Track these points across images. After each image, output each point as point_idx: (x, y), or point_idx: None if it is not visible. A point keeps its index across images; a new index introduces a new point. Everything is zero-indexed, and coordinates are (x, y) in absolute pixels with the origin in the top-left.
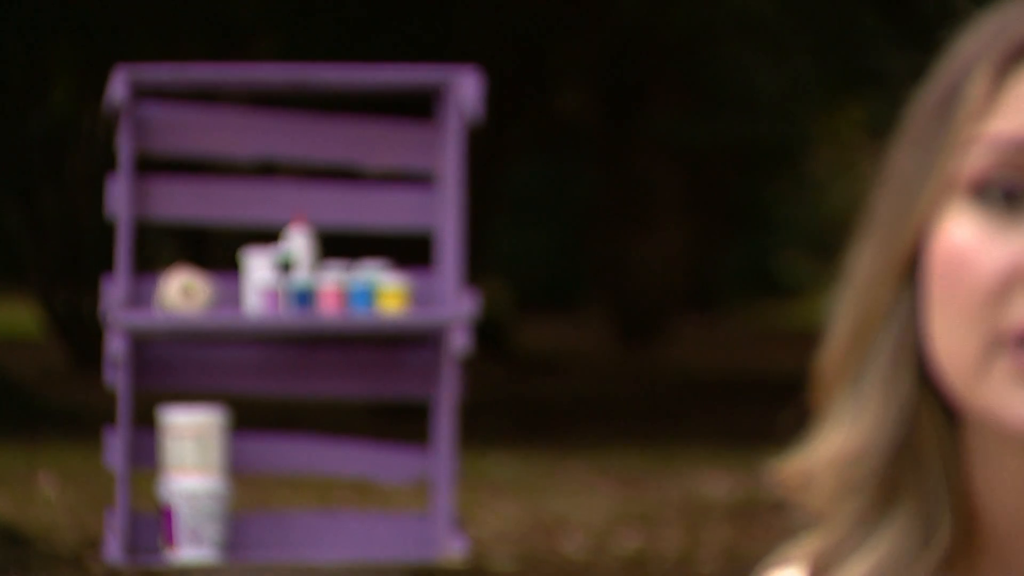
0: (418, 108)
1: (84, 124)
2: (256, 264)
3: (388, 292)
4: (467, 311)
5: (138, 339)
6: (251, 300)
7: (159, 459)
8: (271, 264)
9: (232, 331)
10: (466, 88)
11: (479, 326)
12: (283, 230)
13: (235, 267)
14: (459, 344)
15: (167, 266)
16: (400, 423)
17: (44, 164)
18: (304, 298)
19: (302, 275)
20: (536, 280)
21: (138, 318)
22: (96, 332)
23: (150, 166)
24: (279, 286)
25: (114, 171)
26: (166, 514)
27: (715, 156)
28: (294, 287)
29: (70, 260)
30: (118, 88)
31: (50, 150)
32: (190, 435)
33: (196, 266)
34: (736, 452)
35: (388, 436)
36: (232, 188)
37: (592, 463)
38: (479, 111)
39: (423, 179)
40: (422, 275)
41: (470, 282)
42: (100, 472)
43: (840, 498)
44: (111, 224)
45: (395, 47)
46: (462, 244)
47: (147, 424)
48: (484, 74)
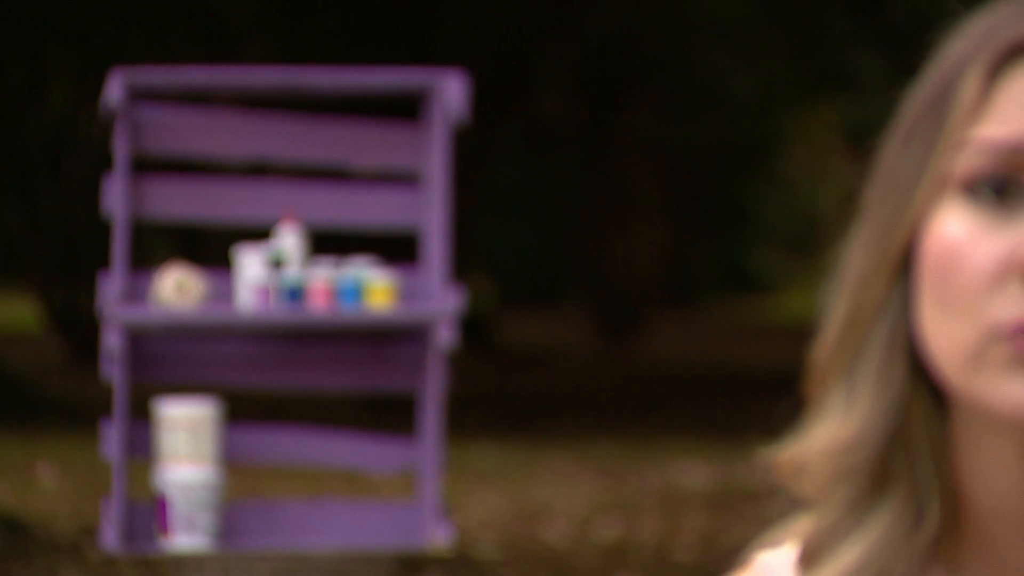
0: (405, 110)
1: (82, 126)
2: (248, 261)
3: (376, 288)
4: (452, 307)
5: (134, 334)
6: (243, 296)
7: (154, 450)
8: (263, 261)
9: (225, 326)
10: (451, 91)
11: (464, 321)
12: (274, 228)
13: (228, 264)
14: (445, 339)
15: (162, 263)
16: (387, 415)
17: (43, 164)
18: (295, 294)
19: (293, 272)
20: (519, 277)
21: (134, 313)
22: (93, 327)
23: (146, 166)
24: (270, 282)
25: (111, 171)
26: (161, 503)
27: (692, 157)
28: (285, 283)
29: (68, 257)
30: (115, 91)
31: (49, 151)
32: (184, 427)
33: (190, 263)
34: (712, 443)
35: (376, 427)
36: (225, 188)
37: (573, 454)
38: (464, 113)
39: (410, 179)
40: (409, 272)
41: (455, 278)
42: (97, 462)
43: (833, 485)
44: (108, 222)
45: (383, 51)
46: (448, 242)
47: (143, 416)
48: (469, 77)
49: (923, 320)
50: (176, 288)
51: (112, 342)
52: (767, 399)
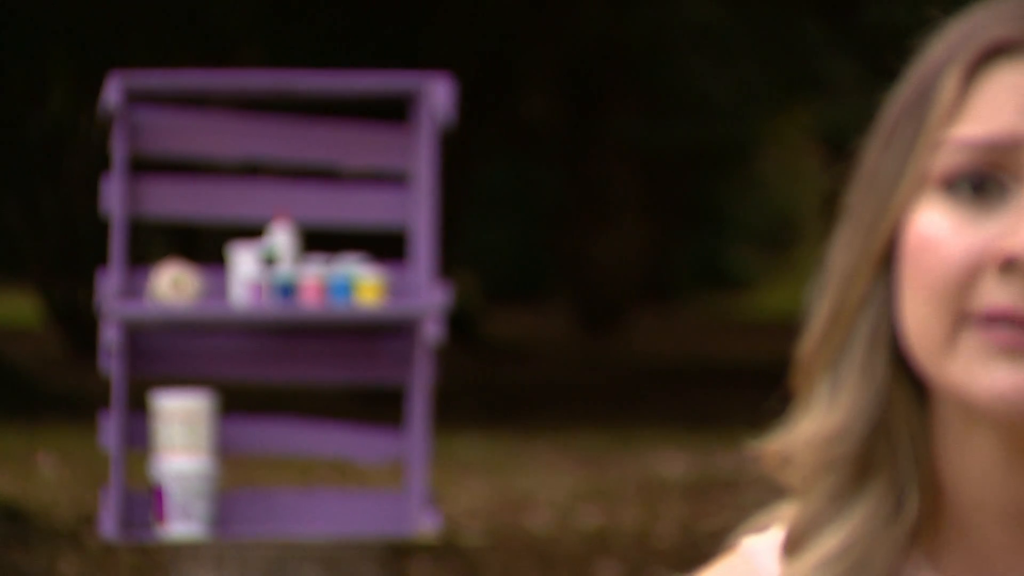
0: (393, 112)
1: (81, 127)
2: (242, 258)
3: (365, 284)
4: (439, 302)
5: (131, 329)
6: (237, 292)
7: (151, 441)
8: (256, 258)
9: (219, 321)
10: (438, 94)
11: (451, 316)
12: (267, 226)
13: (222, 261)
14: (432, 333)
15: (158, 260)
16: (376, 407)
17: (43, 165)
18: (287, 290)
19: (285, 269)
20: (504, 273)
21: (131, 309)
22: (92, 322)
23: (143, 167)
24: (263, 279)
25: (109, 171)
26: (157, 492)
27: (670, 157)
28: (277, 280)
29: (68, 255)
30: (112, 93)
31: (49, 151)
32: (180, 418)
33: (186, 260)
34: (690, 433)
35: (365, 419)
36: (219, 187)
37: (556, 444)
38: (450, 115)
39: (398, 179)
40: (397, 268)
41: (442, 275)
42: (96, 453)
43: (817, 476)
44: (106, 221)
45: (372, 55)
46: (435, 239)
47: (140, 408)
48: (455, 80)
49: (903, 312)
50: (172, 284)
51: (110, 336)
52: (743, 391)
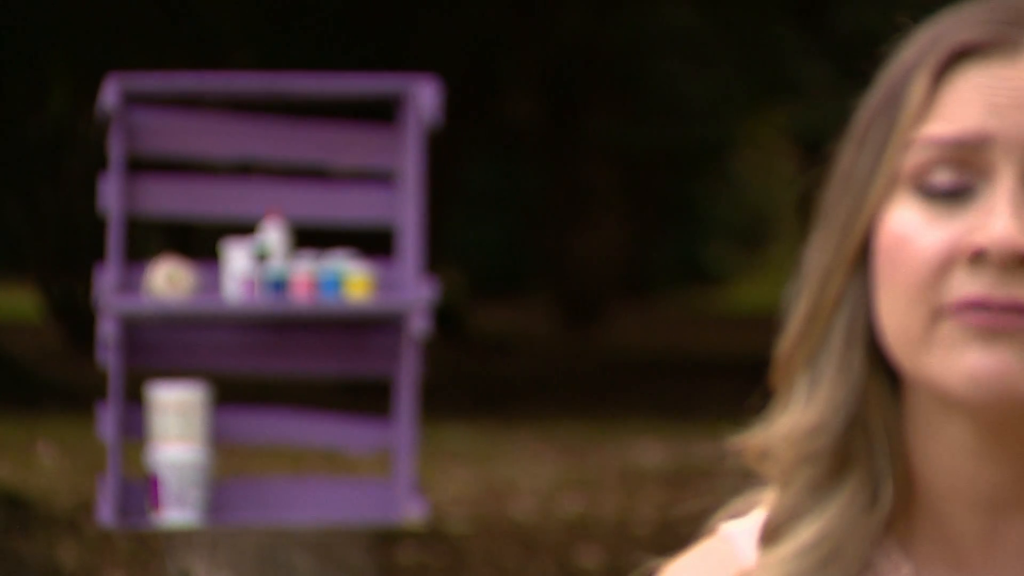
0: (381, 113)
1: (79, 128)
2: (235, 254)
3: (354, 280)
4: (426, 297)
5: (128, 322)
6: (230, 287)
7: (147, 431)
8: (248, 254)
9: (213, 315)
10: (425, 95)
11: (437, 311)
12: (259, 223)
13: (216, 257)
14: (419, 327)
15: (154, 256)
16: (365, 398)
17: (43, 164)
18: (278, 285)
19: (276, 264)
20: (488, 269)
21: (128, 303)
22: (90, 316)
23: (139, 166)
24: (255, 274)
25: (106, 170)
26: (153, 481)
27: (649, 157)
28: (269, 275)
29: (66, 251)
30: (110, 95)
31: (48, 152)
32: (175, 409)
33: (181, 256)
34: (668, 423)
35: (354, 410)
36: (213, 186)
37: (539, 434)
38: (436, 116)
39: (386, 177)
40: (385, 264)
41: (429, 271)
42: (93, 442)
43: (796, 469)
44: (103, 219)
45: (361, 58)
46: (421, 236)
47: (136, 399)
48: (441, 83)
49: (880, 308)
50: (167, 280)
51: (107, 330)
52: (720, 383)
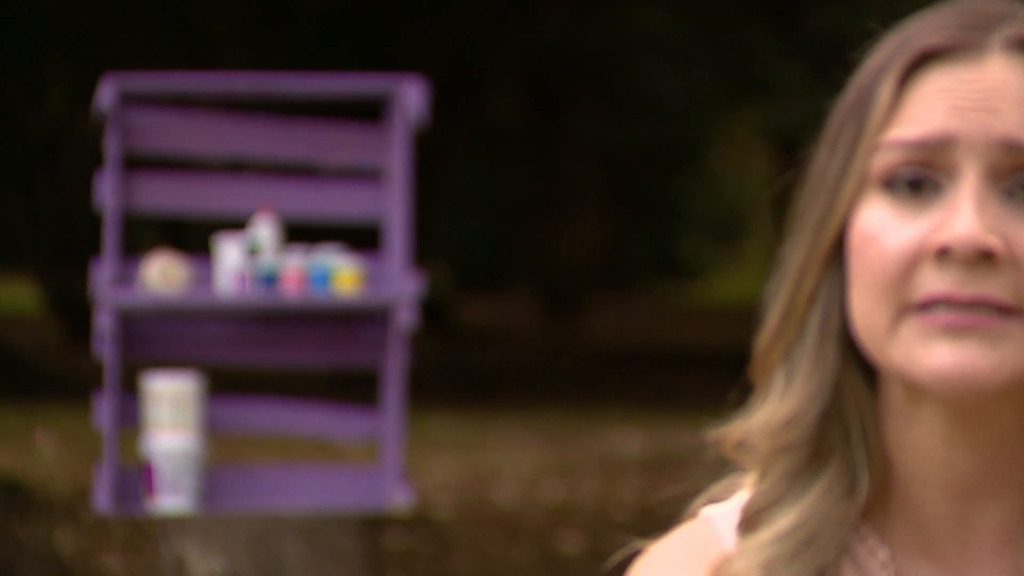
0: (369, 113)
1: (76, 127)
2: (227, 249)
3: (343, 274)
4: (413, 290)
5: (124, 315)
6: (223, 281)
7: (142, 420)
8: (240, 249)
9: (206, 308)
10: (411, 95)
11: (423, 303)
12: (251, 219)
13: (209, 252)
14: (406, 319)
15: (149, 251)
16: (353, 388)
17: (41, 162)
18: (269, 279)
19: (267, 259)
20: (473, 263)
21: (124, 297)
22: (87, 309)
23: (134, 163)
24: (247, 269)
25: (103, 168)
26: (148, 468)
27: (628, 156)
28: (260, 269)
29: (64, 246)
30: (106, 95)
31: (46, 150)
32: (169, 399)
33: (174, 251)
34: (646, 413)
35: (343, 399)
36: (206, 183)
37: (521, 423)
38: (423, 116)
39: (373, 175)
40: (373, 259)
41: (415, 265)
42: (90, 431)
43: (773, 459)
44: (100, 215)
45: (349, 60)
46: (408, 232)
47: (131, 389)
48: (427, 83)
49: (852, 303)
50: (162, 274)
51: (103, 322)
52: (696, 373)
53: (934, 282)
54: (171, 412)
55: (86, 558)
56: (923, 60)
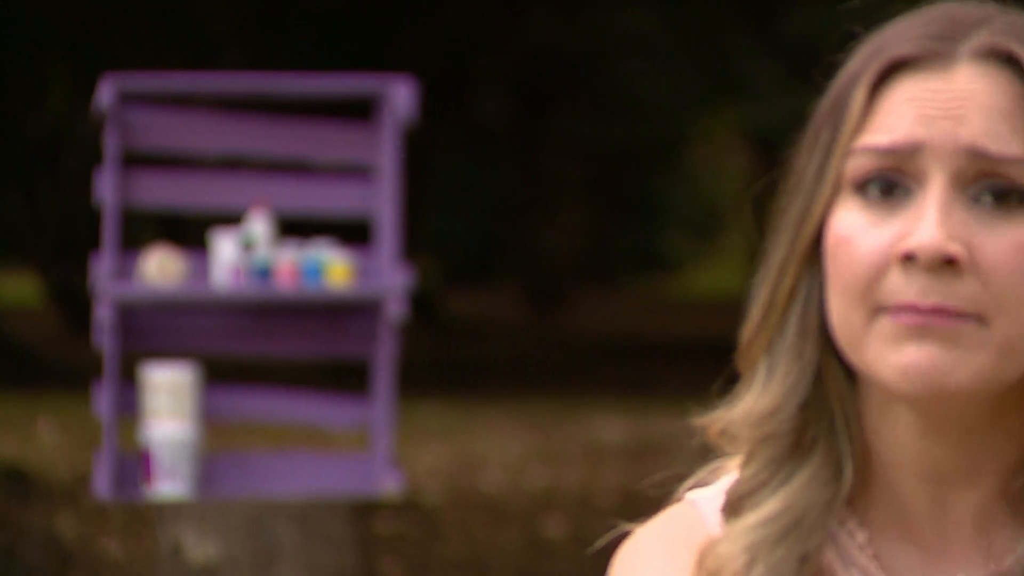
0: (360, 111)
1: (77, 125)
2: (223, 244)
3: (335, 268)
4: (402, 284)
5: (122, 307)
6: (218, 274)
7: (140, 409)
8: (235, 244)
9: (202, 301)
10: (401, 95)
11: (412, 296)
12: (245, 215)
13: (205, 246)
14: (396, 312)
15: (147, 245)
16: (345, 378)
17: (42, 160)
18: (263, 273)
19: (262, 253)
20: (461, 257)
21: (123, 289)
22: (87, 302)
23: (133, 161)
24: (242, 262)
25: (102, 165)
26: (146, 455)
27: (611, 153)
28: (255, 263)
29: (65, 241)
30: (106, 94)
31: (47, 148)
32: (166, 389)
33: (172, 245)
34: (628, 401)
35: (335, 389)
36: (203, 179)
37: (508, 411)
38: (412, 115)
39: (364, 172)
40: (364, 253)
41: (405, 259)
42: (90, 420)
43: (755, 448)
44: (99, 210)
45: (341, 61)
46: (398, 227)
47: (130, 379)
48: (416, 83)
49: (828, 303)
50: (159, 267)
51: (103, 314)
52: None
53: (900, 290)
54: (168, 401)
55: (86, 542)
56: (894, 68)
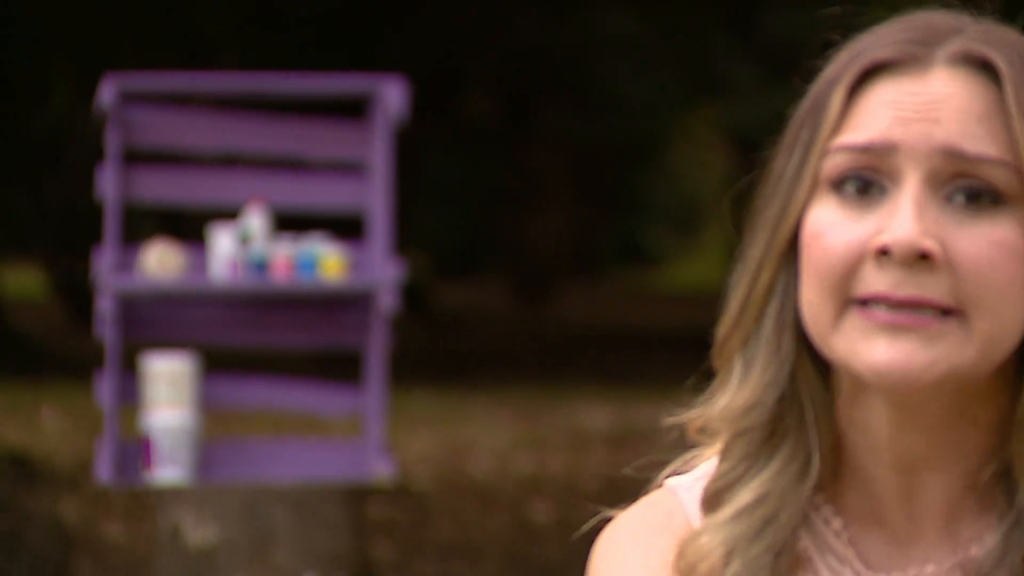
0: (353, 110)
1: (79, 123)
2: (220, 238)
3: (329, 261)
4: (394, 276)
5: (124, 299)
6: (216, 268)
7: (141, 397)
8: (233, 238)
9: (201, 293)
10: (392, 94)
11: (404, 289)
12: (242, 210)
13: (203, 240)
14: (387, 303)
15: (147, 239)
16: (338, 368)
17: (46, 156)
18: (260, 266)
19: (258, 247)
20: (450, 251)
21: (124, 282)
22: (89, 294)
23: (134, 157)
24: (239, 256)
25: (104, 162)
26: (146, 442)
27: (595, 150)
28: (251, 257)
29: (68, 235)
30: (107, 93)
31: (51, 145)
32: (166, 378)
33: (171, 239)
34: (612, 390)
35: (328, 378)
36: (201, 176)
37: (495, 399)
38: (403, 113)
39: (357, 168)
40: (357, 247)
41: (396, 253)
42: (92, 408)
43: (732, 442)
44: (101, 205)
45: (335, 61)
46: (389, 222)
47: (131, 369)
48: (407, 83)
49: (801, 297)
50: (159, 261)
51: (105, 306)
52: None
53: (874, 281)
54: (168, 390)
55: (88, 526)
56: (872, 72)
